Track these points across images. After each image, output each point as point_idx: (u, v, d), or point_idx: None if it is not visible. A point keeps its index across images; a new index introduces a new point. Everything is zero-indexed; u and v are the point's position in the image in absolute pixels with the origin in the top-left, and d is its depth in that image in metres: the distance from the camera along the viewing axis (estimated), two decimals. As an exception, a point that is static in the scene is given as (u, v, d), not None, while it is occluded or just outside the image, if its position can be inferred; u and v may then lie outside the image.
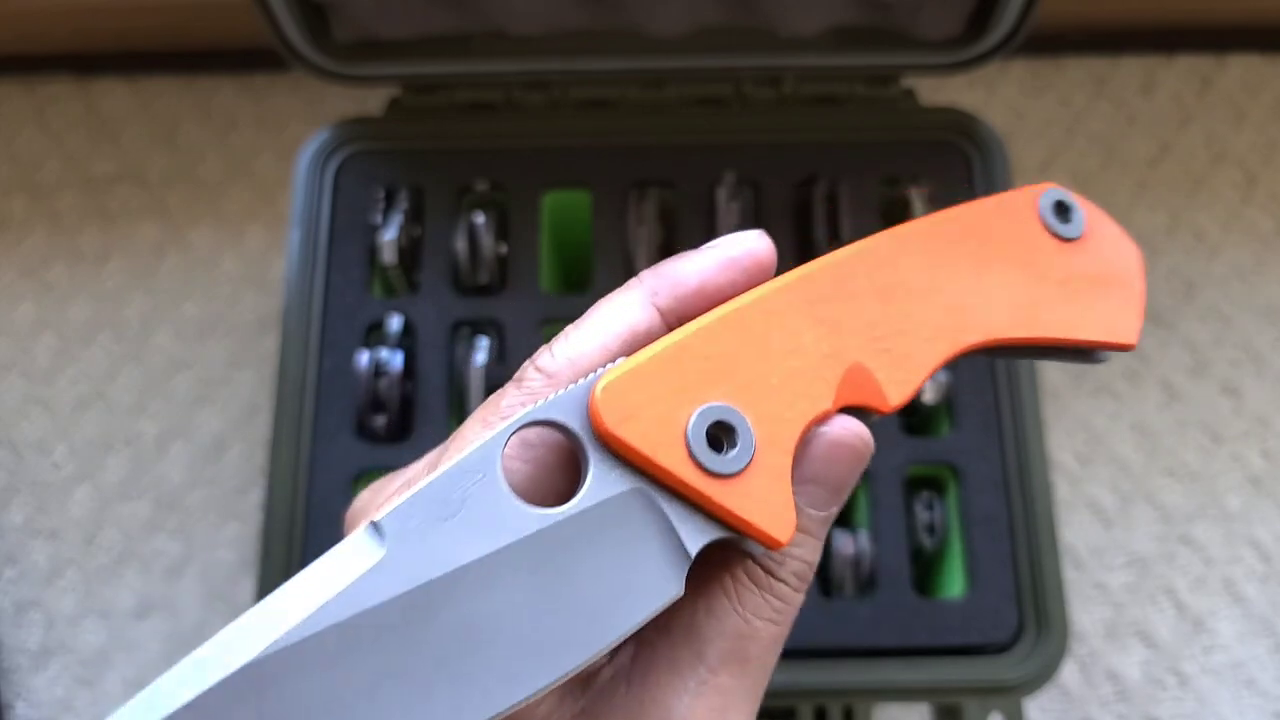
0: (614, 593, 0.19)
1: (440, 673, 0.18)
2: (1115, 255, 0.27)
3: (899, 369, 0.23)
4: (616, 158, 0.47)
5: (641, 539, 0.20)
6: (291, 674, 0.17)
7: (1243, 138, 0.61)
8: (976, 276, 0.25)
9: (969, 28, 0.46)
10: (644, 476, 0.20)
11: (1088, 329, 0.26)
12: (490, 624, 0.18)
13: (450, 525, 0.18)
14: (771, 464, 0.21)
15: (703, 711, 0.21)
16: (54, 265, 0.60)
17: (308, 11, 0.45)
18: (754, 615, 0.21)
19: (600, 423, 0.20)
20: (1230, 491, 0.54)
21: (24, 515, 0.55)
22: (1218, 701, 0.51)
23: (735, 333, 0.22)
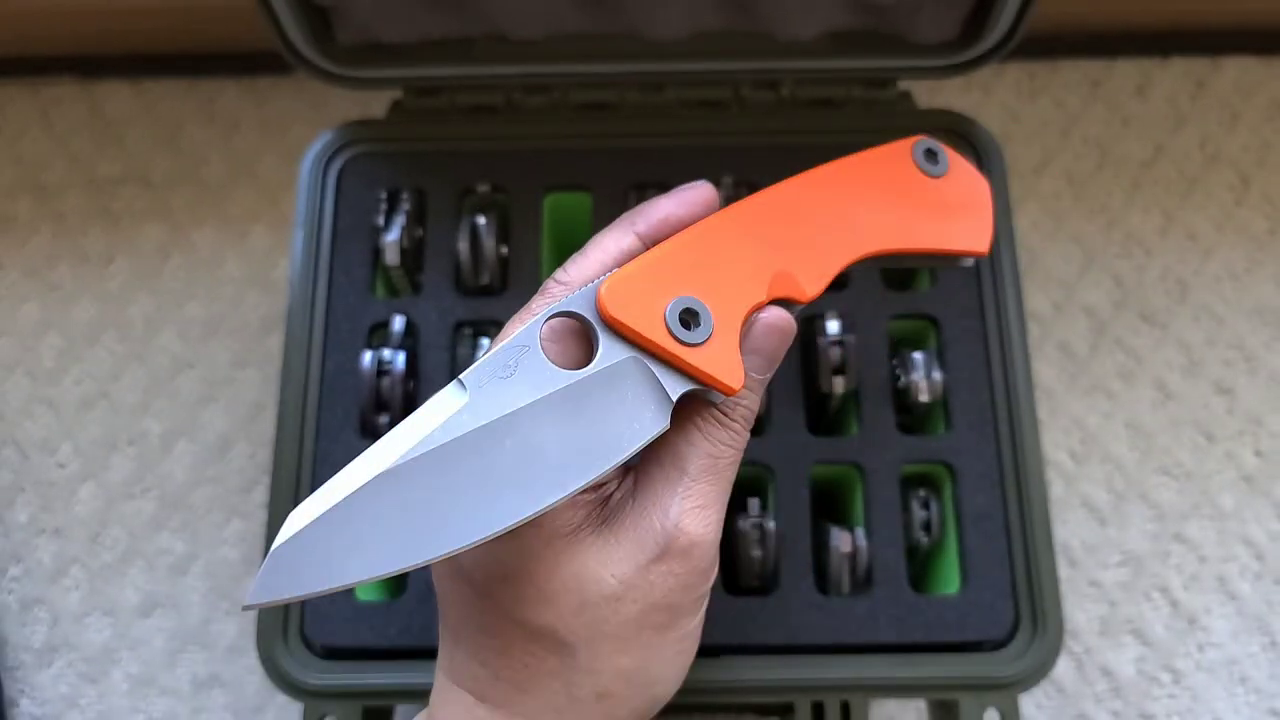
0: (621, 426, 0.27)
1: (507, 480, 0.26)
2: (971, 188, 0.36)
3: (813, 271, 0.32)
4: (616, 160, 0.48)
5: (638, 390, 0.28)
6: (413, 478, 0.25)
7: (1237, 139, 0.61)
8: (868, 204, 0.34)
9: (965, 31, 0.47)
10: (637, 348, 0.28)
11: (953, 241, 0.35)
12: (538, 447, 0.26)
13: (509, 382, 0.27)
14: (725, 338, 0.29)
15: (689, 505, 0.29)
16: (58, 266, 0.60)
17: (311, 14, 0.45)
18: (719, 441, 0.30)
19: (605, 310, 0.28)
20: (1224, 490, 0.55)
21: (29, 514, 0.55)
22: (1211, 698, 0.51)
23: (695, 247, 0.30)
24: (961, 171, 0.36)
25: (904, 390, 0.44)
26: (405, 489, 0.25)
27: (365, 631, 0.41)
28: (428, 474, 0.25)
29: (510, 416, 0.26)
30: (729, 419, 0.30)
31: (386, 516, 0.25)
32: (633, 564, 0.29)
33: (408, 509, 0.25)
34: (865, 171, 0.34)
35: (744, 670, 0.40)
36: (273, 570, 0.24)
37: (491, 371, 0.27)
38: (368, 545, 0.25)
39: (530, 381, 0.27)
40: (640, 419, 0.28)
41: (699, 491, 0.29)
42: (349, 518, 0.25)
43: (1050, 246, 0.59)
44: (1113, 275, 0.59)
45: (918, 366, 0.44)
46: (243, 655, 0.53)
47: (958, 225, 0.35)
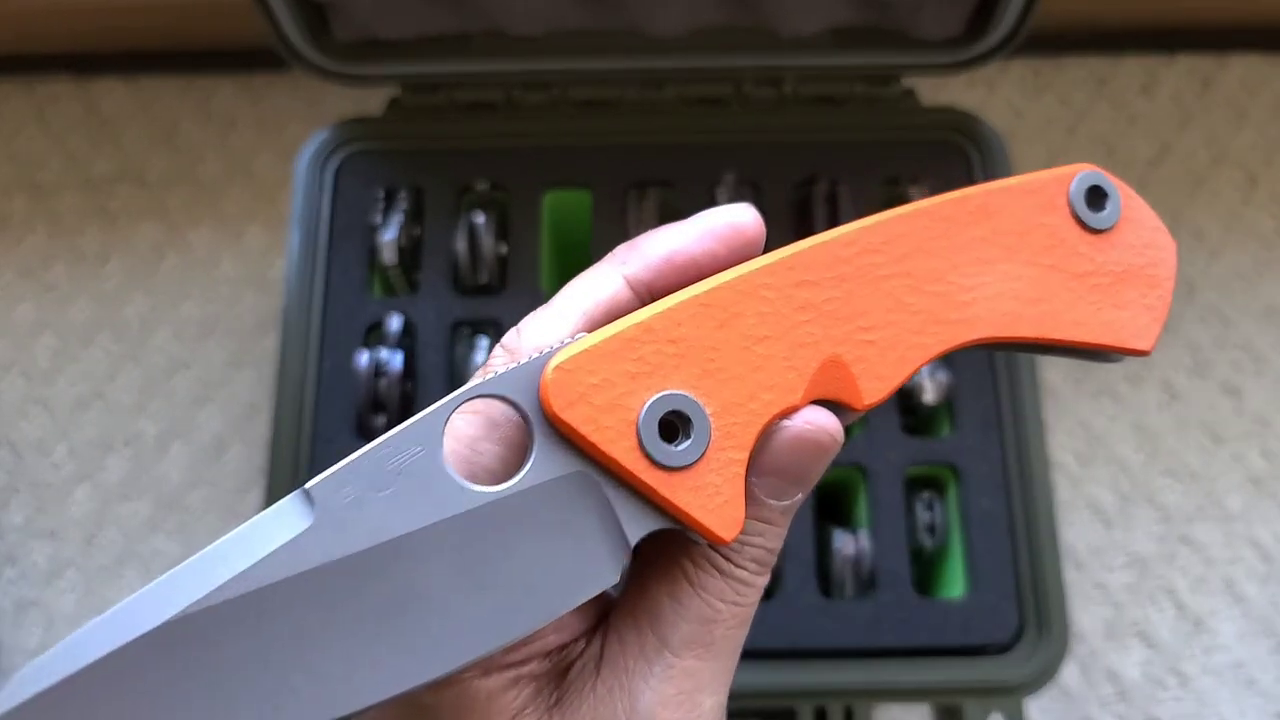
0: (549, 575, 0.19)
1: (362, 643, 0.18)
2: (1147, 250, 0.24)
3: (881, 363, 0.22)
4: (616, 158, 0.47)
5: (581, 523, 0.19)
6: (211, 634, 0.17)
7: (1243, 138, 0.61)
8: (983, 265, 0.23)
9: (969, 27, 0.46)
10: (590, 461, 0.20)
11: (1102, 332, 0.24)
12: (418, 598, 0.18)
13: (383, 497, 0.18)
14: (725, 458, 0.20)
15: (670, 694, 0.21)
16: (54, 265, 0.60)
17: (308, 11, 0.45)
18: (716, 599, 0.21)
19: (548, 403, 0.19)
20: (1231, 491, 0.54)
21: (24, 515, 0.55)
22: (1218, 701, 0.51)
23: (704, 315, 0.20)
24: (1138, 222, 0.24)
25: (909, 391, 0.43)
26: (190, 654, 0.17)
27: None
28: (228, 631, 0.17)
29: (376, 551, 0.18)
30: (733, 565, 0.21)
31: (160, 688, 0.17)
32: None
33: (194, 678, 0.17)
34: (991, 214, 0.23)
35: (746, 675, 0.40)
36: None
37: (358, 479, 0.18)
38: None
39: (417, 499, 0.18)
40: (578, 567, 0.19)
41: (684, 672, 0.21)
42: (103, 686, 0.17)
43: (1055, 245, 0.59)
44: (1118, 274, 0.58)
45: (923, 368, 0.43)
46: (239, 658, 0.52)
47: (1117, 305, 0.24)
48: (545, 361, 0.20)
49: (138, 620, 0.17)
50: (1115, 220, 0.24)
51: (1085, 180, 0.24)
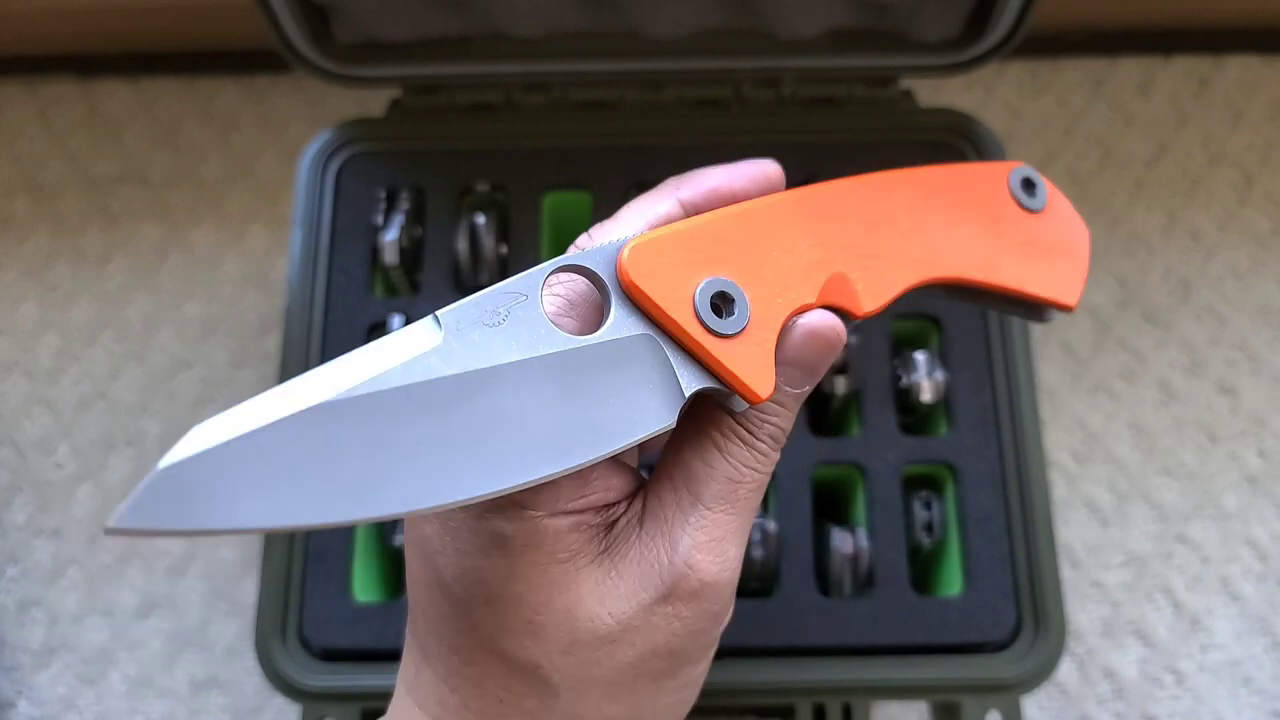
0: (618, 412, 0.23)
1: (470, 445, 0.21)
2: (1068, 231, 0.32)
3: (875, 283, 0.27)
4: (617, 159, 0.47)
5: (646, 376, 0.23)
6: (354, 419, 0.20)
7: (1240, 138, 0.61)
8: (950, 223, 0.29)
9: (967, 29, 0.47)
10: (655, 326, 0.24)
11: (1037, 285, 0.30)
12: (515, 416, 0.22)
13: (495, 331, 0.22)
14: (760, 336, 0.25)
15: (703, 540, 0.25)
16: (56, 265, 0.60)
17: (309, 13, 0.45)
18: (741, 464, 0.26)
19: (625, 275, 0.24)
20: (1227, 490, 0.54)
21: (26, 514, 0.55)
22: (1214, 699, 0.51)
23: (743, 225, 0.26)
24: (1060, 211, 0.32)
25: (906, 390, 0.44)
26: (342, 429, 0.20)
27: (364, 633, 0.41)
28: (373, 417, 0.20)
29: (489, 372, 0.22)
30: (754, 438, 0.26)
31: (311, 457, 0.20)
32: (633, 603, 0.25)
33: (340, 454, 0.20)
34: (952, 185, 0.30)
35: (745, 672, 0.40)
36: (153, 494, 0.18)
37: (476, 315, 0.22)
38: (280, 487, 0.19)
39: (521, 336, 0.22)
40: (642, 410, 0.23)
41: (714, 522, 0.25)
42: (265, 448, 0.19)
43: (1052, 246, 0.59)
44: (1115, 275, 0.58)
45: (920, 367, 0.44)
46: (241, 657, 0.52)
47: (1047, 269, 0.31)
48: (623, 245, 0.24)
49: (302, 397, 0.20)
50: (1042, 206, 0.31)
51: (1020, 173, 0.31)
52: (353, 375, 0.21)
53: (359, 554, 0.43)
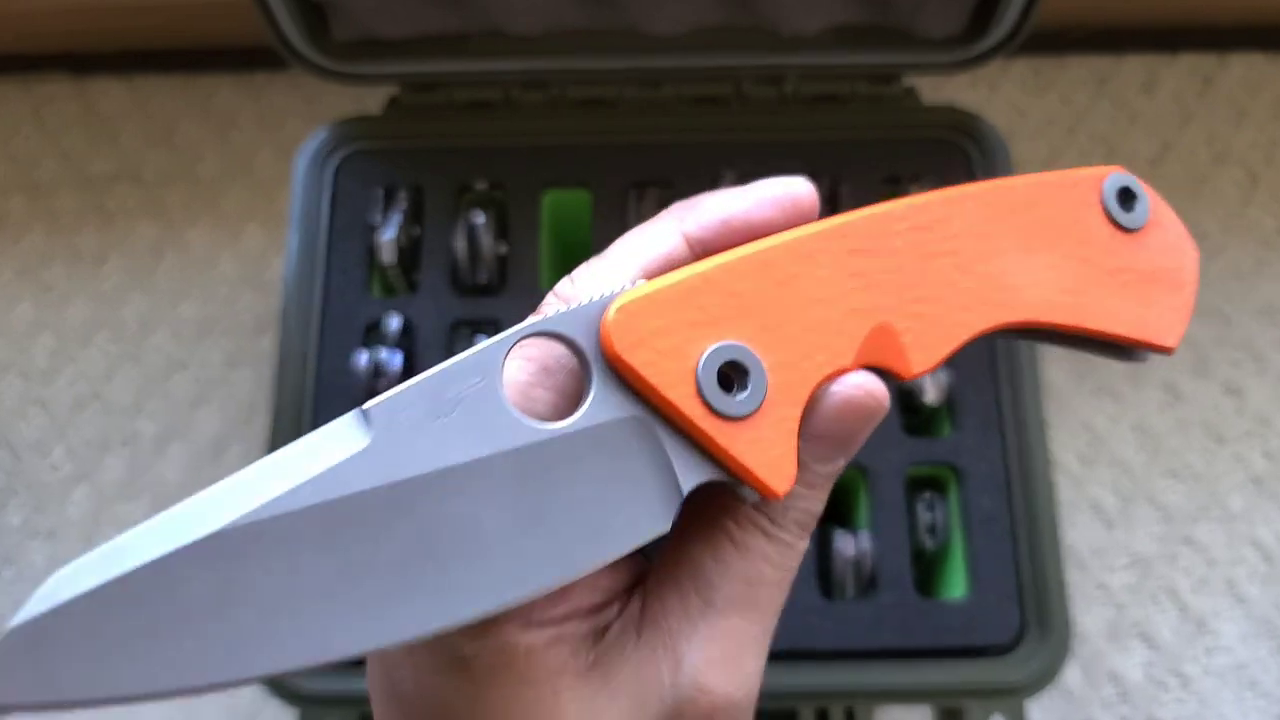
0: (599, 519, 0.19)
1: (407, 573, 0.17)
2: (1173, 253, 0.25)
3: (929, 335, 0.22)
4: (616, 157, 0.47)
5: (636, 468, 0.19)
6: (258, 549, 0.17)
7: (1244, 137, 0.61)
8: (1026, 252, 0.24)
9: (970, 26, 0.46)
10: (647, 405, 0.20)
11: (1130, 325, 0.25)
12: (467, 531, 0.18)
13: (441, 424, 0.18)
14: (780, 413, 0.20)
15: (715, 655, 0.21)
16: (52, 265, 0.59)
17: (307, 10, 0.45)
18: (761, 560, 0.21)
19: (609, 344, 0.19)
20: (1232, 492, 0.54)
21: (22, 516, 0.55)
22: (1220, 703, 0.51)
23: (763, 272, 0.21)
24: (1165, 227, 0.26)
25: (909, 391, 0.43)
26: (236, 567, 0.16)
27: (361, 637, 0.41)
28: (275, 548, 0.17)
29: (430, 478, 0.18)
30: (777, 526, 0.21)
31: (204, 602, 0.16)
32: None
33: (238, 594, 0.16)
34: (1029, 202, 0.24)
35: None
36: (6, 661, 0.15)
37: (419, 406, 0.18)
38: (165, 643, 0.16)
39: (474, 429, 0.18)
40: (630, 514, 0.19)
41: (728, 632, 0.21)
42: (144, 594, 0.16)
43: (1056, 245, 0.59)
44: (1119, 274, 0.58)
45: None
46: (237, 660, 0.52)
47: (1143, 302, 0.25)
48: (607, 304, 0.19)
49: (191, 526, 0.17)
50: (1144, 222, 0.25)
51: (1117, 181, 0.25)
52: (255, 494, 0.17)
53: (356, 557, 0.42)
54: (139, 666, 0.16)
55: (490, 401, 0.18)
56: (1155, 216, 0.25)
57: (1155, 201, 0.25)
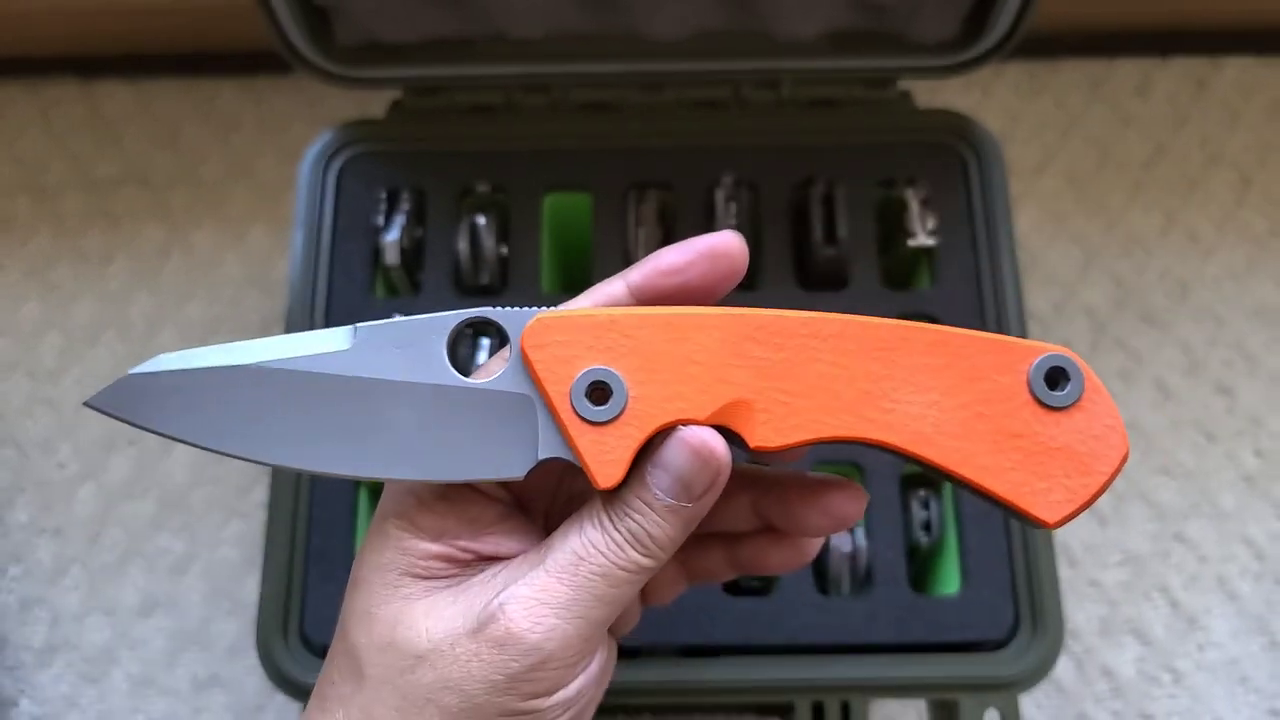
0: (475, 451, 0.26)
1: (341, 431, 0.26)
2: (1092, 441, 0.26)
3: (784, 421, 0.26)
4: (616, 160, 0.48)
5: (512, 429, 0.26)
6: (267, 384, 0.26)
7: (1237, 139, 0.61)
8: (919, 391, 0.26)
9: (965, 31, 0.47)
10: (537, 392, 0.26)
11: (1011, 489, 0.26)
12: (386, 423, 0.26)
13: (399, 353, 0.27)
14: (627, 431, 0.26)
15: (524, 593, 0.26)
16: (58, 266, 0.60)
17: (310, 15, 0.45)
18: (590, 543, 0.26)
19: (524, 340, 0.26)
20: (1224, 490, 0.55)
21: (29, 514, 0.55)
22: (1211, 698, 0.51)
23: (663, 327, 0.26)
24: (1093, 414, 0.26)
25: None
26: (252, 389, 0.26)
27: (365, 632, 0.41)
28: (277, 388, 0.26)
29: (378, 382, 0.26)
30: (612, 527, 0.26)
31: (227, 400, 0.26)
32: (447, 628, 0.26)
33: (244, 405, 0.26)
34: (947, 351, 0.26)
35: (744, 670, 0.40)
36: (119, 390, 0.27)
37: (390, 335, 0.27)
38: (198, 414, 0.26)
39: (418, 363, 0.26)
40: (497, 456, 0.26)
41: (544, 585, 0.26)
42: (196, 385, 0.26)
43: (1050, 247, 0.59)
44: (1113, 275, 0.59)
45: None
46: (242, 655, 0.52)
47: (1039, 474, 0.26)
48: (537, 314, 0.26)
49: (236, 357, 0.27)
50: (1068, 403, 0.26)
51: (1050, 360, 0.26)
52: (271, 351, 0.27)
53: (360, 553, 0.43)
54: (184, 423, 0.26)
55: (435, 349, 0.27)
56: (1087, 402, 0.26)
57: (1093, 390, 0.26)
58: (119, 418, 0.27)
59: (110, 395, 0.27)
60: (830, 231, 0.46)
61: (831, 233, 0.46)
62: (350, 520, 0.43)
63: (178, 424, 0.26)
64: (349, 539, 0.42)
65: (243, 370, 0.26)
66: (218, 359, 0.27)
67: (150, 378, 0.27)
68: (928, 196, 0.47)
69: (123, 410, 0.27)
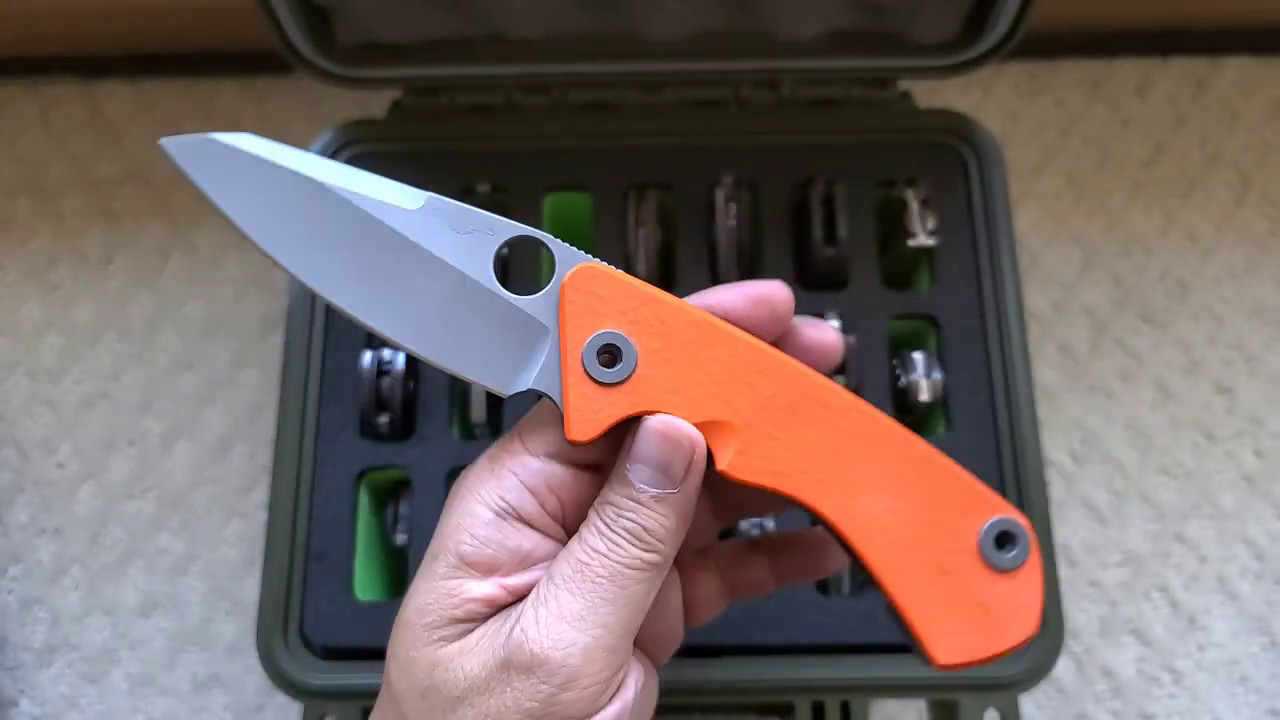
0: (477, 352, 0.28)
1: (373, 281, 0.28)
2: (1008, 612, 0.27)
3: (757, 461, 0.27)
4: (616, 160, 0.48)
5: (518, 349, 0.28)
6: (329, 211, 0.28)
7: (1237, 139, 0.61)
8: (880, 495, 0.27)
9: (965, 31, 0.47)
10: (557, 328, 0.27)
11: (915, 614, 0.27)
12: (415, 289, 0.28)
13: (453, 234, 0.28)
14: (616, 400, 0.27)
15: (541, 613, 0.26)
16: (59, 266, 0.60)
17: (310, 15, 0.45)
18: (591, 548, 0.27)
19: (566, 279, 0.27)
20: (1224, 490, 0.55)
21: (29, 514, 0.55)
22: (1212, 698, 0.51)
23: (691, 330, 0.27)
24: (1021, 590, 0.27)
25: (904, 390, 0.44)
26: (312, 204, 0.28)
27: (365, 631, 0.41)
28: (334, 216, 0.28)
29: (424, 250, 0.28)
30: (608, 529, 0.27)
31: (286, 202, 0.28)
32: (480, 665, 0.26)
33: (298, 214, 0.28)
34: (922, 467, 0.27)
35: (744, 670, 0.40)
36: (195, 146, 0.28)
37: (456, 216, 0.28)
38: (253, 201, 0.28)
39: (464, 251, 0.28)
40: (494, 365, 0.28)
41: (556, 599, 0.26)
42: (265, 176, 0.28)
43: (1050, 246, 0.59)
44: (1113, 275, 0.59)
45: (918, 366, 0.44)
46: (242, 655, 0.53)
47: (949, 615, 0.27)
48: (592, 262, 0.28)
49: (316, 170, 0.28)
50: (1006, 568, 0.27)
51: (1006, 524, 0.27)
52: (350, 182, 0.28)
53: (360, 553, 0.43)
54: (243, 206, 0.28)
55: (485, 246, 0.28)
56: (1022, 574, 0.27)
57: (1031, 566, 0.27)
58: (184, 169, 0.28)
59: (186, 146, 0.28)
60: (830, 232, 0.46)
61: (831, 233, 0.46)
62: (350, 520, 0.43)
63: (231, 202, 0.28)
64: (349, 539, 0.43)
65: (314, 184, 0.28)
66: (297, 163, 0.28)
67: (229, 150, 0.28)
68: (928, 196, 0.47)
69: (189, 164, 0.28)
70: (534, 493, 0.28)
